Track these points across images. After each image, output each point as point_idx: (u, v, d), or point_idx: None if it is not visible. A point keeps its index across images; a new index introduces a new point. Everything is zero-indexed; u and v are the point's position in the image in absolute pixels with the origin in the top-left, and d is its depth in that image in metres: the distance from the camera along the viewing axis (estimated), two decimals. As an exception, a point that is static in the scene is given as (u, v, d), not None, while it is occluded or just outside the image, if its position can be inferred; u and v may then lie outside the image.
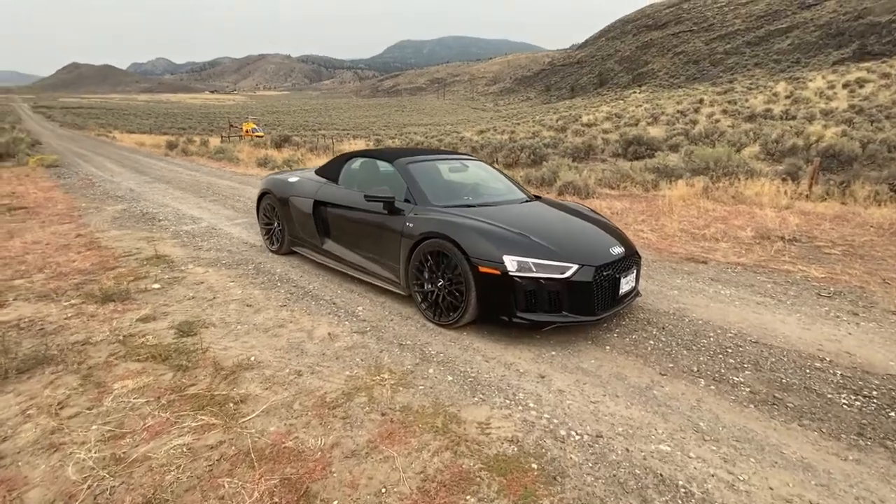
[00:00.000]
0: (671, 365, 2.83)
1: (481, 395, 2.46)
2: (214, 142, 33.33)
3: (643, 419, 2.29)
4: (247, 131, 48.14)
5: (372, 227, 3.83)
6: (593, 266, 3.02)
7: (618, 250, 3.26)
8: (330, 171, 4.68)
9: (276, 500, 1.72)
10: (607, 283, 3.09)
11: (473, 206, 3.65)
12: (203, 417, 2.19)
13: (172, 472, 1.84)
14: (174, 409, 2.26)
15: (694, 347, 3.05)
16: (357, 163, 4.55)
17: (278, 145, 28.92)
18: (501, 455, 2.00)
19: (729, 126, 22.08)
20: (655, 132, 23.25)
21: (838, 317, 3.54)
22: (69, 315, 3.38)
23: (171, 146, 25.48)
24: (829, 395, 2.49)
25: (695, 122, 24.47)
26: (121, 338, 3.00)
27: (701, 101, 33.93)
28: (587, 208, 4.27)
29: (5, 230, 6.33)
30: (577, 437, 2.13)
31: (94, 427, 2.12)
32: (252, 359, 2.79)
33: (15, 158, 15.88)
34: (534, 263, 2.95)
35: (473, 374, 2.67)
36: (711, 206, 8.31)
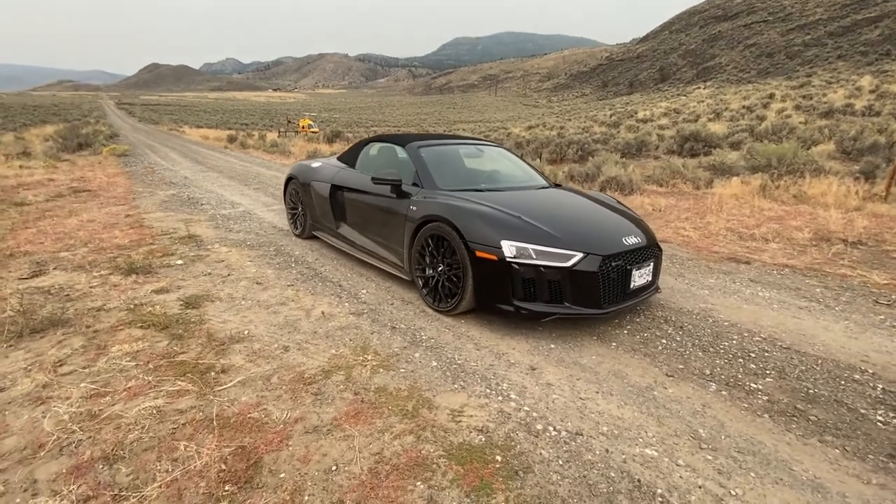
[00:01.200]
0: (681, 366, 2.56)
1: (462, 383, 2.34)
2: (272, 136, 34.98)
3: (634, 420, 2.08)
4: (303, 127, 50.23)
5: (380, 211, 3.79)
6: (600, 255, 2.80)
7: (632, 240, 3.01)
8: (349, 157, 4.70)
9: (225, 467, 1.71)
10: (616, 274, 2.86)
11: (481, 191, 3.51)
12: (181, 383, 2.23)
13: (136, 432, 1.88)
14: (158, 374, 2.32)
15: (711, 350, 2.75)
16: (374, 148, 4.53)
17: (330, 140, 29.90)
18: (466, 444, 1.88)
19: (801, 122, 20.16)
20: (716, 128, 21.72)
21: (895, 326, 3.08)
22: (95, 284, 3.61)
23: (230, 140, 27.01)
24: (863, 411, 2.15)
25: (762, 118, 22.59)
26: (131, 306, 3.16)
27: (771, 95, 31.16)
28: (610, 198, 4.00)
29: (67, 209, 6.92)
30: (554, 433, 1.96)
31: (82, 384, 2.22)
32: (246, 332, 2.84)
33: (92, 148, 17.46)
34: (534, 250, 2.78)
35: (460, 362, 2.56)
36: (768, 205, 7.61)
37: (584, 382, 2.39)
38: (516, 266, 2.76)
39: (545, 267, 2.75)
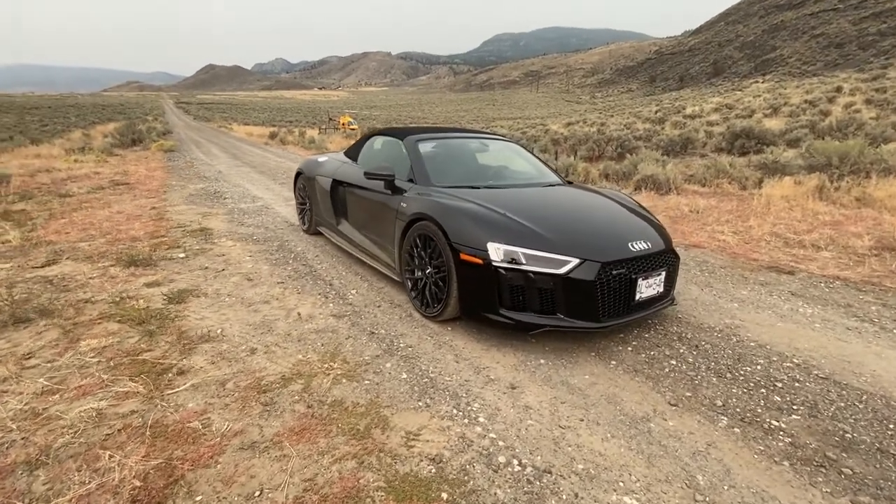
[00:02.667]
0: (688, 394, 2.21)
1: (428, 400, 2.10)
2: (311, 133, 35.88)
3: (619, 458, 1.77)
4: (343, 124, 51.31)
5: (374, 207, 3.60)
6: (599, 262, 2.47)
7: (640, 246, 2.65)
8: (353, 151, 4.56)
9: (142, 483, 1.56)
10: (617, 283, 2.52)
11: (478, 188, 3.24)
12: (133, 384, 2.13)
13: (68, 436, 1.78)
14: (115, 372, 2.23)
15: (729, 375, 2.37)
16: (378, 142, 4.35)
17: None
18: (413, 475, 1.64)
19: (872, 118, 18.33)
20: (773, 124, 20.12)
21: (968, 357, 2.55)
22: (94, 275, 3.64)
23: (272, 136, 27.91)
24: (915, 467, 1.73)
25: (826, 114, 20.72)
26: (117, 299, 3.13)
27: (838, 89, 28.56)
28: (627, 198, 3.61)
29: (103, 201, 7.21)
30: (517, 469, 1.69)
31: (39, 380, 2.16)
32: (219, 331, 2.72)
33: (143, 144, 18.45)
34: (524, 254, 2.49)
35: (433, 375, 2.32)
36: (824, 208, 6.84)
37: (569, 407, 2.09)
38: (503, 271, 2.49)
39: (536, 273, 2.46)
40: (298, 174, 5.26)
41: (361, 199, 3.84)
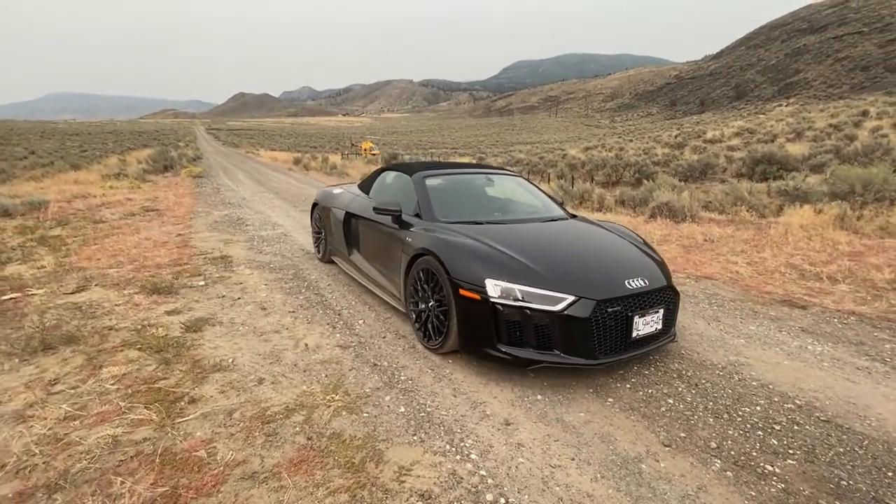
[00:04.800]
0: (682, 435, 2.21)
1: (423, 435, 2.17)
2: (334, 159, 36.91)
3: (606, 499, 1.79)
4: (365, 149, 52.72)
5: (382, 240, 3.75)
6: (594, 300, 2.53)
7: (637, 283, 2.70)
8: (366, 184, 4.75)
9: (147, 511, 1.67)
10: (613, 321, 2.56)
11: (481, 224, 3.36)
12: (147, 411, 2.26)
13: (85, 461, 1.91)
14: (132, 400, 2.38)
15: (726, 416, 2.36)
16: (390, 176, 4.54)
17: (387, 162, 31.02)
18: (401, 510, 1.71)
19: (900, 142, 17.85)
20: (796, 149, 19.80)
21: (981, 402, 2.48)
22: (120, 303, 3.86)
23: (296, 162, 28.83)
24: (910, 519, 1.70)
25: (852, 138, 20.31)
26: (139, 327, 3.32)
27: (865, 113, 28.03)
28: (630, 232, 3.66)
29: (133, 227, 7.60)
30: (504, 507, 1.74)
31: (63, 406, 2.32)
32: (231, 361, 2.86)
33: (174, 170, 19.37)
34: (521, 291, 2.57)
35: (430, 409, 2.39)
36: (845, 238, 6.69)
37: (562, 445, 2.12)
38: (501, 307, 2.57)
39: (532, 310, 2.53)
40: (315, 205, 5.49)
41: (371, 231, 4.00)
